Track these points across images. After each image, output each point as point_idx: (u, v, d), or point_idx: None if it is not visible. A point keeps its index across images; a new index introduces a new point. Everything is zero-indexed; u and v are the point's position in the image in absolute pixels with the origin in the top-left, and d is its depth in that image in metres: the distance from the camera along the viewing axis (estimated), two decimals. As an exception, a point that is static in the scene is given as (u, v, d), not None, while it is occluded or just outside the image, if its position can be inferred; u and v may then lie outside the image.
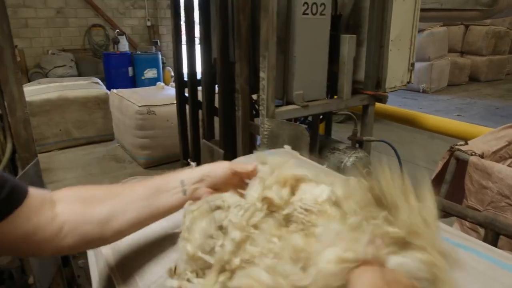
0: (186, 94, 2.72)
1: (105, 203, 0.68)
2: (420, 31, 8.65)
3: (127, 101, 4.22)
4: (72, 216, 0.64)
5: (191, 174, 0.76)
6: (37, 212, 0.60)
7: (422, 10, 4.36)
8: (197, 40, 2.58)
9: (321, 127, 2.80)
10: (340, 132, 4.36)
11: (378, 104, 2.43)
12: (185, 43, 2.62)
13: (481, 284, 0.66)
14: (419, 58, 8.84)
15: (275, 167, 0.69)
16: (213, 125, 2.54)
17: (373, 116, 2.40)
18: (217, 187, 0.75)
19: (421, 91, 8.49)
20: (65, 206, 0.64)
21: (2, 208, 0.56)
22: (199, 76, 2.60)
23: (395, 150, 2.23)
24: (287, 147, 1.44)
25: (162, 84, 5.05)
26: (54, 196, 0.66)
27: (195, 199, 0.72)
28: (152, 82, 7.49)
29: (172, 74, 8.79)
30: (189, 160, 2.54)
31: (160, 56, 8.20)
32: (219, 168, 0.77)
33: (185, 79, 2.71)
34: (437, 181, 1.64)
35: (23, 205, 0.59)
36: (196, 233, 0.62)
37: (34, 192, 0.62)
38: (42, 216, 0.61)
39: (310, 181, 0.66)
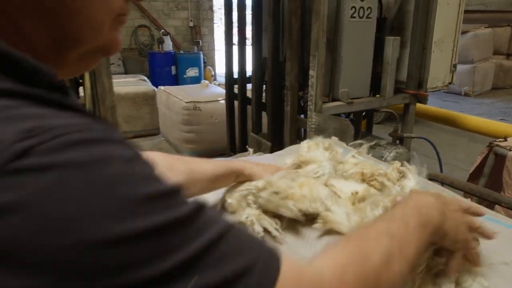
0: (235, 91, 2.92)
1: (182, 175, 0.80)
2: (464, 32, 8.48)
3: (174, 97, 4.48)
4: None
5: (250, 167, 0.92)
6: None
7: (466, 11, 4.37)
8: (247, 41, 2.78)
9: (363, 124, 2.92)
10: (379, 133, 4.44)
11: (418, 105, 2.52)
12: (233, 43, 2.83)
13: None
14: (462, 61, 8.66)
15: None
16: (261, 120, 2.72)
17: (414, 114, 2.50)
18: None
19: (463, 94, 8.33)
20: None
21: None
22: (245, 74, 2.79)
23: (435, 148, 2.33)
24: (334, 138, 1.61)
25: (207, 82, 5.30)
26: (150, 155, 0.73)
27: None
28: (194, 80, 7.79)
29: (213, 73, 9.08)
30: (247, 147, 2.74)
31: (201, 56, 8.49)
32: (270, 167, 0.95)
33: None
34: (476, 175, 1.74)
35: None
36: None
37: None
38: None
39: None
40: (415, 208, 0.57)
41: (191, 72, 8.36)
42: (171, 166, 0.81)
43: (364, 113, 2.70)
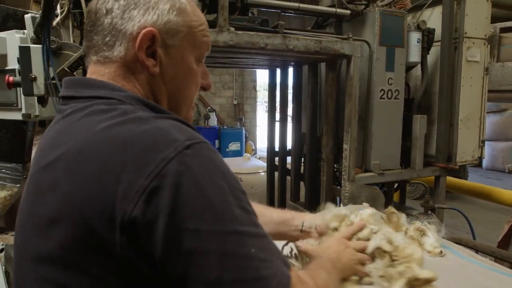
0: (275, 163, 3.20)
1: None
2: (503, 111, 8.56)
3: (219, 168, 4.81)
4: None
5: (310, 219, 1.10)
6: None
7: (501, 91, 4.58)
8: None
9: (397, 196, 3.06)
10: (416, 207, 4.49)
11: (453, 179, 2.66)
12: (275, 119, 3.16)
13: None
14: (503, 138, 8.64)
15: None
16: (299, 189, 2.95)
17: (445, 186, 2.64)
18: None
19: (506, 171, 8.17)
20: None
21: None
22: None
23: (466, 218, 2.43)
24: (365, 204, 1.82)
25: (248, 155, 5.67)
26: None
27: (306, 237, 1.06)
28: (235, 154, 8.23)
29: (253, 147, 9.53)
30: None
31: (243, 131, 9.02)
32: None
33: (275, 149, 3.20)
34: (504, 242, 1.84)
35: None
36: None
37: None
38: None
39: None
40: (328, 260, 0.88)
41: (233, 146, 8.85)
42: None
43: (396, 185, 2.87)
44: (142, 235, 0.53)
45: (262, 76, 10.62)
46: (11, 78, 1.31)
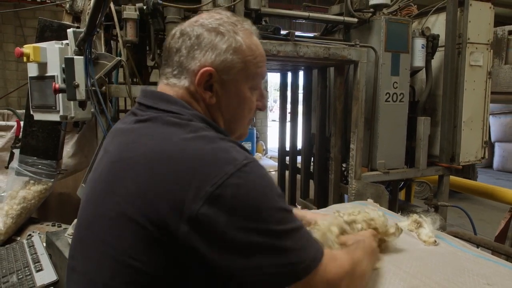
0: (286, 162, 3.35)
1: None
2: (510, 113, 8.57)
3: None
4: None
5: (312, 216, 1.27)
6: None
7: (507, 93, 4.65)
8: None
9: (403, 194, 3.20)
10: (422, 206, 4.60)
11: (458, 179, 2.77)
12: (286, 120, 3.30)
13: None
14: (514, 139, 8.66)
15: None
16: (309, 187, 3.10)
17: (448, 185, 2.77)
18: None
19: (517, 172, 8.20)
20: None
21: None
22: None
23: (467, 214, 2.55)
24: (370, 200, 1.97)
25: (260, 155, 5.83)
26: None
27: None
28: (247, 153, 8.36)
29: (264, 147, 9.68)
30: (296, 205, 3.10)
31: (255, 131, 9.17)
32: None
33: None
34: (500, 238, 1.97)
35: None
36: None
37: None
38: None
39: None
40: (366, 247, 1.00)
41: (245, 146, 8.99)
42: None
43: (402, 184, 3.00)
44: (203, 229, 0.68)
45: (273, 77, 10.75)
46: (57, 85, 1.50)
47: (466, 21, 2.71)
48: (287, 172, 3.37)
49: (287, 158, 3.33)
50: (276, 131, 3.46)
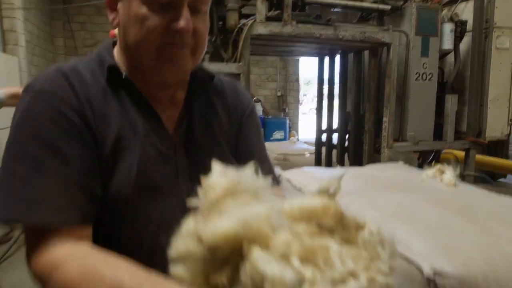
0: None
1: None
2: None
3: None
4: None
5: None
6: None
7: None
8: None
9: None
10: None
11: (483, 157, 2.99)
12: (322, 101, 3.63)
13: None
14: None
15: None
16: (344, 161, 3.41)
17: (474, 158, 3.02)
18: None
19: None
20: None
21: None
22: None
23: (491, 183, 2.81)
24: (401, 162, 2.29)
25: (294, 139, 6.15)
26: None
27: None
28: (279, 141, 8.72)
29: (297, 136, 10.00)
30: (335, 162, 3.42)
31: (287, 121, 9.50)
32: None
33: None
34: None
35: None
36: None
37: None
38: None
39: None
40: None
41: (277, 135, 9.34)
42: None
43: (431, 157, 3.27)
44: None
45: (303, 70, 11.01)
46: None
47: (493, 7, 2.94)
48: (323, 149, 3.69)
49: (324, 136, 3.66)
50: (306, 125, 3.78)
